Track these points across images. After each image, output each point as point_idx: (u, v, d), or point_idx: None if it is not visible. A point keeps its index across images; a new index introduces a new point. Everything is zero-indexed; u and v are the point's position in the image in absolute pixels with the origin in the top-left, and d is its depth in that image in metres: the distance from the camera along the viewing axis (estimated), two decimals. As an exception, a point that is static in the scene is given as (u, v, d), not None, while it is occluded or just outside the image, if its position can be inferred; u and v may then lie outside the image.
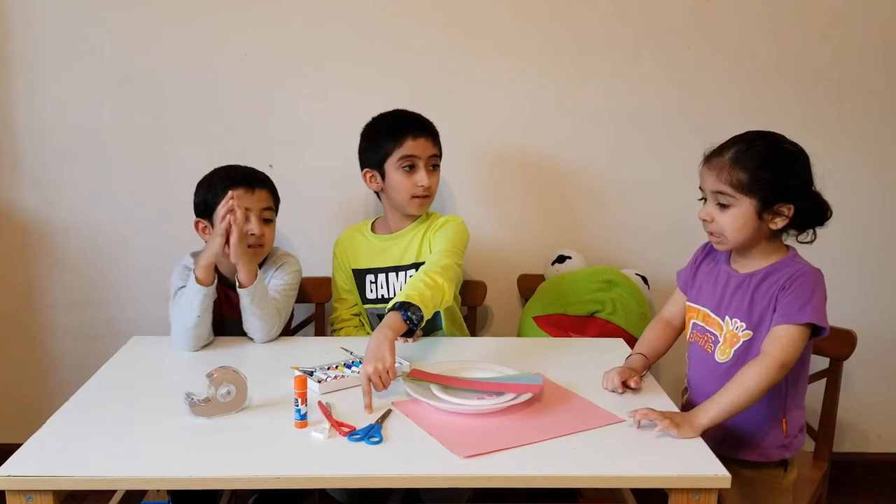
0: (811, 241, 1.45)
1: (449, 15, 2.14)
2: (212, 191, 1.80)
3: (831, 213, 1.43)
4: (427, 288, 1.60)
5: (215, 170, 1.86)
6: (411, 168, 1.84)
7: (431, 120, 1.92)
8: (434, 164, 1.88)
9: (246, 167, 1.88)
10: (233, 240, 1.66)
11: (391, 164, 1.85)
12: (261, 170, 1.89)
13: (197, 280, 1.68)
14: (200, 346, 1.71)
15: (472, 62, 2.16)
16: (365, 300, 1.95)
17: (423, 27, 2.14)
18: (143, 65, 2.14)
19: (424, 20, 2.14)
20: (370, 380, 1.38)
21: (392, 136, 1.85)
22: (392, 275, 1.91)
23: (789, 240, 1.48)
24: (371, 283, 1.93)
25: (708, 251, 1.60)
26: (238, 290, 1.71)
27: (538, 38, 2.15)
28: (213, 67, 2.15)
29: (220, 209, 1.68)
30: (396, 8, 2.13)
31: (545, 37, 2.15)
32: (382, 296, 1.92)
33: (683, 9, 2.15)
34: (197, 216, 1.82)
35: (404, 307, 1.52)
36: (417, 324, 1.53)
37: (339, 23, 2.13)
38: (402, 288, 1.65)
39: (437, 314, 1.87)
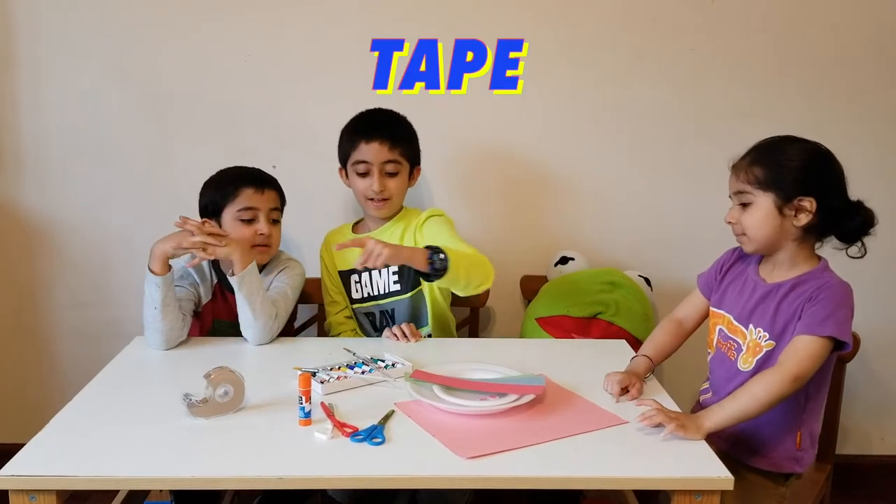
0: (861, 256, 1.43)
1: (452, 16, 2.14)
2: (220, 191, 1.81)
3: (873, 221, 1.40)
4: (470, 255, 1.64)
5: (223, 170, 1.86)
6: (365, 172, 1.84)
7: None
8: (389, 171, 1.84)
9: (253, 168, 1.88)
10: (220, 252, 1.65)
11: (349, 167, 1.87)
12: (266, 171, 1.89)
13: (150, 270, 1.66)
14: (171, 343, 1.68)
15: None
16: (352, 300, 1.96)
17: (425, 29, 2.14)
18: (147, 65, 2.15)
19: (427, 21, 2.14)
20: (366, 246, 1.51)
21: (349, 139, 1.87)
22: (375, 272, 1.91)
23: (838, 255, 1.45)
24: (356, 282, 1.94)
25: (737, 257, 1.59)
26: (230, 278, 1.70)
27: (541, 38, 2.15)
28: (217, 68, 2.16)
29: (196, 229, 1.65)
30: (399, 10, 2.13)
31: (548, 37, 2.16)
32: (368, 294, 1.92)
33: (687, 10, 2.15)
34: (203, 217, 1.82)
35: (435, 250, 1.57)
36: (438, 268, 1.56)
37: (341, 24, 2.14)
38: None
39: (423, 311, 1.89)
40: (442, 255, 1.55)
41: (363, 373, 1.51)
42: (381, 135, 1.83)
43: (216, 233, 1.68)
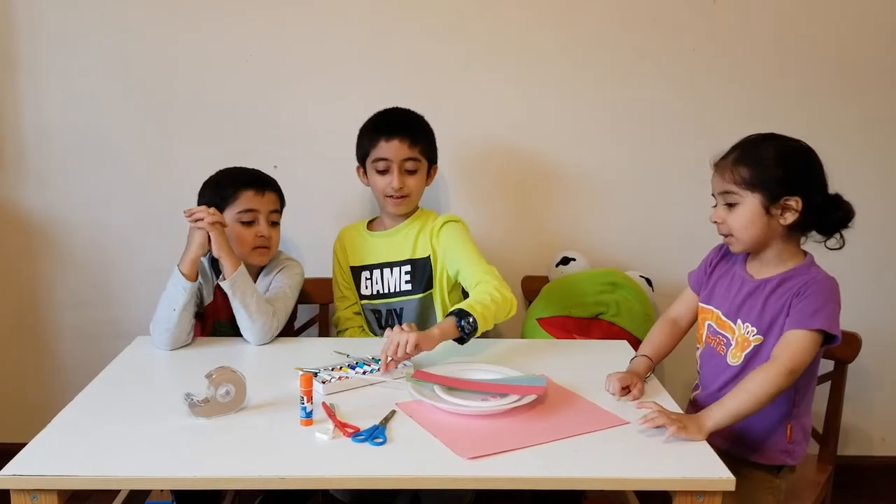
0: (840, 248, 1.44)
1: (453, 17, 2.14)
2: (220, 192, 1.81)
3: (853, 214, 1.41)
4: (493, 302, 1.64)
5: (223, 171, 1.86)
6: (385, 170, 1.85)
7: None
8: (409, 169, 1.86)
9: (253, 169, 1.88)
10: (216, 234, 1.67)
11: (369, 164, 1.88)
12: (266, 171, 1.89)
13: (182, 274, 1.67)
14: (177, 345, 1.69)
15: (477, 64, 2.16)
16: (361, 296, 1.96)
17: (426, 29, 2.14)
18: (148, 65, 2.15)
19: (429, 22, 2.14)
20: (390, 338, 1.50)
21: (369, 137, 1.88)
22: (387, 270, 1.91)
23: (817, 248, 1.46)
24: (366, 279, 1.94)
25: (724, 253, 1.60)
26: (220, 283, 1.70)
27: (542, 38, 2.16)
28: (218, 68, 2.15)
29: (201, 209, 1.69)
30: (399, 11, 2.13)
31: (549, 37, 2.16)
32: (378, 291, 1.93)
33: (687, 10, 2.15)
34: None
35: (461, 315, 1.57)
36: (469, 333, 1.58)
37: (342, 24, 2.14)
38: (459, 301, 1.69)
39: (432, 315, 1.90)
40: (471, 319, 1.58)
41: (364, 373, 1.51)
42: (402, 132, 1.84)
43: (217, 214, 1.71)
